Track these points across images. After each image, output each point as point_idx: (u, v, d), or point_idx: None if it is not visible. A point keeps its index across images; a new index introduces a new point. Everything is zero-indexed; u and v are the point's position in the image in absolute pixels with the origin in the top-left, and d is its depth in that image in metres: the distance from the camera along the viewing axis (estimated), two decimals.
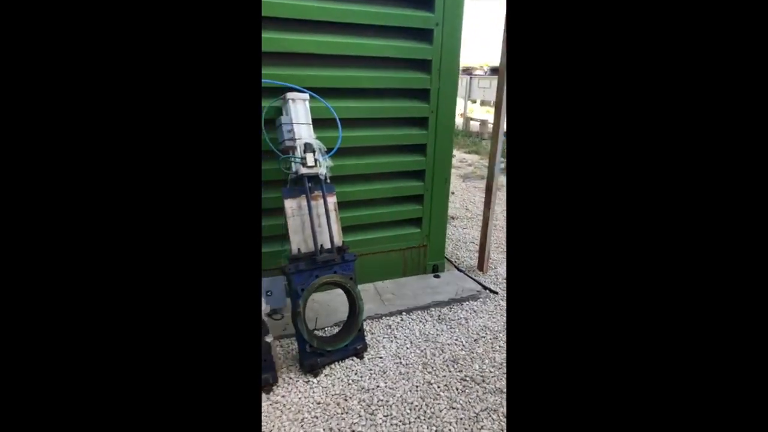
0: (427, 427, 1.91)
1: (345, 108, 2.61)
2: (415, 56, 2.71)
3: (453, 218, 4.69)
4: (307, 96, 2.40)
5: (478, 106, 10.70)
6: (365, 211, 2.94)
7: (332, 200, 2.43)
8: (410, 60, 2.73)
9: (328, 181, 2.40)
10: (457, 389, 2.16)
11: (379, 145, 2.83)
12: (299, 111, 2.37)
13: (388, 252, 3.09)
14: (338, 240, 2.42)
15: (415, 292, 3.02)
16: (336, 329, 2.63)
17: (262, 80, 2.35)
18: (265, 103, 2.40)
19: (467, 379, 2.24)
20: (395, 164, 2.92)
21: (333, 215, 2.41)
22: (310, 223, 2.30)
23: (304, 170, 2.29)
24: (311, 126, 2.40)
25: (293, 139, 2.31)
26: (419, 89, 2.80)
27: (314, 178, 2.35)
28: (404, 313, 2.83)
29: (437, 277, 3.25)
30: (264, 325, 2.13)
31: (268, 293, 2.47)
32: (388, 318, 2.78)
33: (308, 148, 2.31)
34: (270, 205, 2.61)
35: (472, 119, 9.37)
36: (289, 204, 2.31)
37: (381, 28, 2.60)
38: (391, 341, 2.56)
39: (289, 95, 2.34)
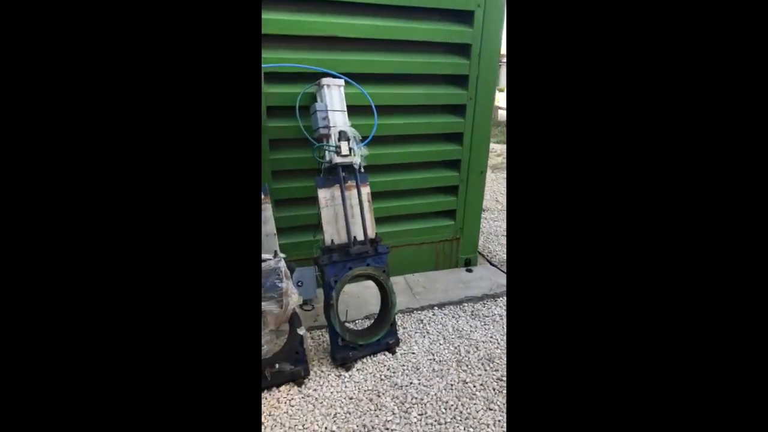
0: (464, 428, 1.84)
1: (380, 94, 2.51)
2: (454, 40, 2.58)
3: (484, 210, 4.55)
4: (342, 82, 2.31)
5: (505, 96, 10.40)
6: (398, 202, 2.86)
7: (366, 190, 2.35)
8: (449, 44, 2.61)
9: (362, 170, 2.32)
10: (494, 389, 2.07)
11: (415, 133, 2.73)
12: (334, 97, 2.28)
13: (420, 245, 3.00)
14: (371, 232, 2.34)
15: (447, 287, 2.93)
16: (367, 322, 2.57)
17: (297, 65, 2.28)
18: (299, 89, 2.33)
19: (504, 379, 2.15)
20: (430, 153, 2.82)
21: (366, 206, 2.33)
22: (343, 213, 2.23)
23: (338, 159, 2.22)
24: (346, 113, 2.32)
25: (327, 127, 2.23)
26: (458, 75, 2.67)
27: (348, 168, 2.27)
28: (436, 308, 2.75)
29: (470, 271, 3.15)
30: (296, 317, 2.08)
31: (299, 284, 2.43)
32: (419, 312, 2.71)
33: (343, 136, 2.23)
34: (303, 194, 2.56)
35: (500, 108, 9.09)
36: (323, 194, 2.24)
37: (419, 9, 2.48)
38: (424, 336, 2.49)
39: (324, 81, 2.25)
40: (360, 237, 2.31)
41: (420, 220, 2.98)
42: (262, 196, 2.11)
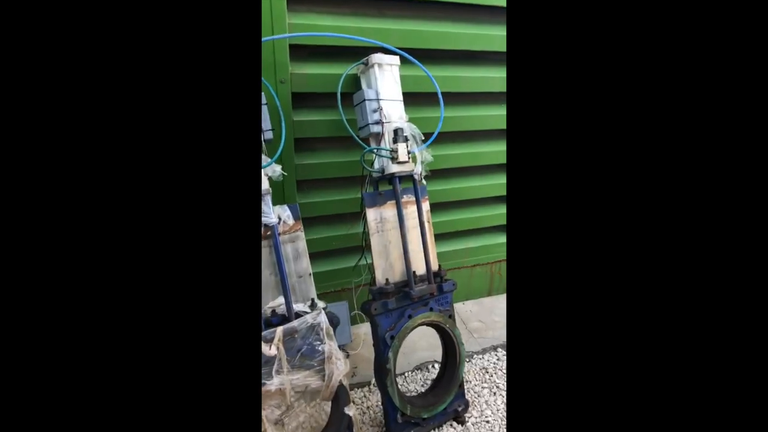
0: None
1: (445, 78, 1.89)
2: None
3: None
4: (397, 60, 1.68)
5: None
6: (448, 216, 2.26)
7: (426, 207, 1.75)
8: None
9: (423, 181, 1.71)
10: None
11: (484, 129, 2.12)
12: (387, 81, 1.66)
13: (473, 267, 2.42)
14: (435, 263, 1.75)
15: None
16: (419, 375, 2.00)
17: (335, 34, 1.64)
18: (337, 69, 1.69)
19: None
20: (493, 155, 2.22)
21: (428, 228, 1.73)
22: (401, 242, 1.63)
23: (394, 167, 1.61)
24: (402, 103, 1.70)
25: (380, 123, 1.61)
26: None
27: (406, 178, 1.67)
28: (500, 349, 2.19)
29: None
30: (343, 391, 1.49)
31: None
32: (481, 357, 2.14)
33: (400, 135, 1.61)
34: (336, 209, 1.94)
35: None
36: (373, 215, 1.63)
37: None
38: (494, 394, 1.93)
39: (374, 58, 1.62)
40: (420, 271, 1.71)
41: (473, 237, 2.40)
42: (292, 221, 1.49)
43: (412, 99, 1.81)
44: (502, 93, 2.09)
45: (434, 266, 1.74)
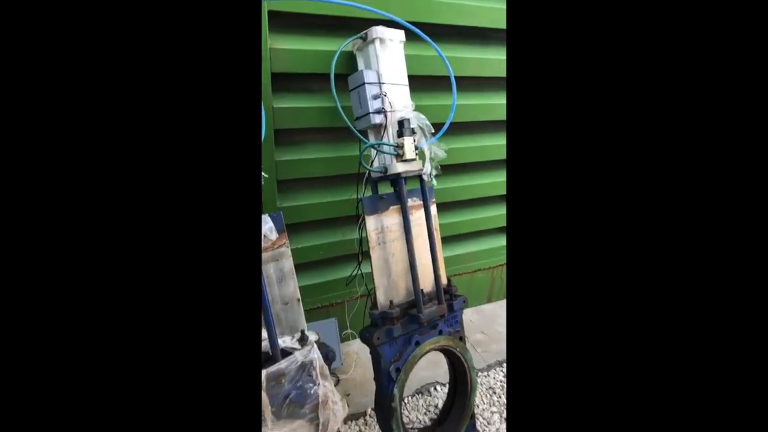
0: None
1: (459, 60, 1.61)
2: None
3: None
4: (402, 35, 1.39)
5: None
6: (450, 218, 2.01)
7: (435, 210, 1.49)
8: None
9: (433, 181, 1.44)
10: None
11: (497, 119, 1.86)
12: (390, 61, 1.37)
13: (474, 272, 2.19)
14: (444, 277, 1.50)
15: None
16: (419, 401, 1.76)
17: (327, 0, 1.32)
18: (330, 45, 1.38)
19: None
20: (498, 149, 1.97)
21: (437, 236, 1.47)
22: (407, 253, 1.36)
23: (400, 167, 1.33)
24: (408, 89, 1.41)
25: (382, 112, 1.32)
26: None
27: (413, 178, 1.39)
28: (506, 365, 1.97)
29: None
30: None
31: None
32: (486, 375, 1.93)
33: (406, 127, 1.33)
34: (324, 213, 1.64)
35: None
36: (374, 224, 1.35)
37: None
38: (505, 419, 1.71)
39: (375, 32, 1.32)
40: (428, 287, 1.46)
41: (475, 240, 2.17)
42: (275, 235, 1.20)
43: (418, 83, 1.52)
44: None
45: (444, 281, 1.49)
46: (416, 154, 1.37)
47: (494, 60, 1.75)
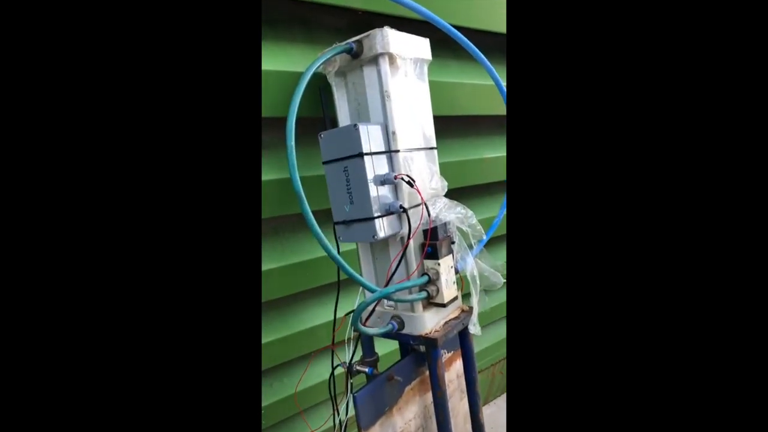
0: None
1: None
2: None
3: None
4: (427, 49, 0.70)
5: None
6: None
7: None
8: None
9: (478, 330, 0.78)
10: None
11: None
12: (409, 100, 0.68)
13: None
14: None
15: None
16: None
17: None
18: (288, 64, 0.66)
19: None
20: None
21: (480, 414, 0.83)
22: None
23: (432, 320, 0.65)
24: (436, 153, 0.74)
25: (399, 212, 0.64)
26: None
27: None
28: None
29: None
30: None
31: None
32: None
33: (442, 239, 0.66)
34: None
35: None
36: None
37: None
38: None
39: (381, 40, 0.63)
40: None
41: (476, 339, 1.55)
42: None
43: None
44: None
45: None
46: (456, 287, 0.71)
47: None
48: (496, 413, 1.81)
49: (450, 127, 1.03)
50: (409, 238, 0.64)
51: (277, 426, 1.09)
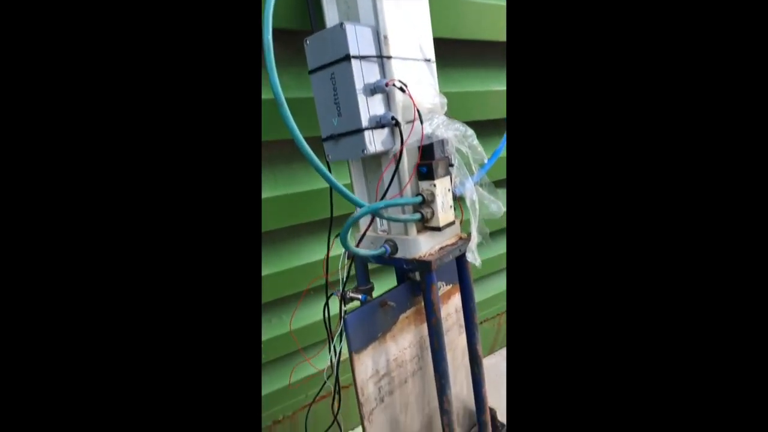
0: None
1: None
2: None
3: None
4: None
5: None
6: None
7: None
8: None
9: (478, 261, 0.74)
10: None
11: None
12: (404, 3, 0.61)
13: (480, 324, 1.58)
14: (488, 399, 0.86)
15: None
16: None
17: None
18: None
19: None
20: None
21: (478, 337, 0.81)
22: (439, 397, 0.69)
23: (427, 243, 0.62)
24: (435, 65, 0.68)
25: (390, 125, 0.59)
26: None
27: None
28: None
29: None
30: None
31: None
32: None
33: (438, 157, 0.62)
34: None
35: None
36: (370, 364, 0.64)
37: None
38: None
39: None
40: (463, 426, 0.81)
41: (482, 283, 1.55)
42: None
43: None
44: None
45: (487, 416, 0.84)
46: (453, 207, 0.67)
47: None
48: (500, 363, 1.81)
49: (453, 53, 0.96)
50: (401, 151, 0.59)
51: (277, 361, 1.11)
